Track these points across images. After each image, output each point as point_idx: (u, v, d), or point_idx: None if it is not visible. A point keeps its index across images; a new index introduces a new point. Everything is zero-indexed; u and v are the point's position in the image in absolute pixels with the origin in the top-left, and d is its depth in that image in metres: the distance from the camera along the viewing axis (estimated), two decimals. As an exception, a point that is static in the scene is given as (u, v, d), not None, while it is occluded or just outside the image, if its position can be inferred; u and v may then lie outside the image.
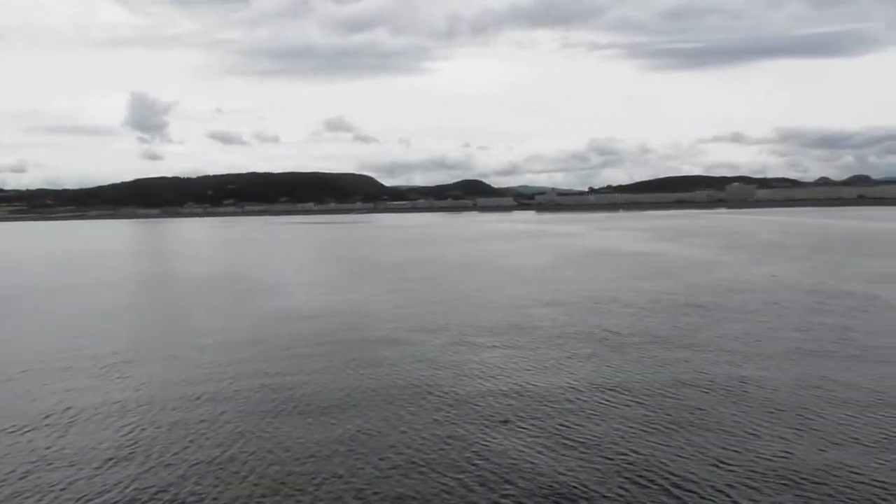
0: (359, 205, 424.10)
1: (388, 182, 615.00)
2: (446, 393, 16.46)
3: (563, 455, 12.37)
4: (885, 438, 12.85)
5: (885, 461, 11.76)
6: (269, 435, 13.79)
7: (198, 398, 16.55)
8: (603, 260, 53.31)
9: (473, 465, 12.06)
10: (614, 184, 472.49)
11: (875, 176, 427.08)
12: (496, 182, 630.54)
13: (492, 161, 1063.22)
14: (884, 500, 10.49)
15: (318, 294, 36.27)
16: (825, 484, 10.94)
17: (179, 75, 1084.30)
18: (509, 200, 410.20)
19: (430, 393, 16.51)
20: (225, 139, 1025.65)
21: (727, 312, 26.65)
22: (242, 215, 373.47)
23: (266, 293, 36.98)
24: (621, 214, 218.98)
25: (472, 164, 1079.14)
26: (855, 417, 13.95)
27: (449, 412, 14.97)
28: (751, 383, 16.70)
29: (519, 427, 13.89)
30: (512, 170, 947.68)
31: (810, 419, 13.97)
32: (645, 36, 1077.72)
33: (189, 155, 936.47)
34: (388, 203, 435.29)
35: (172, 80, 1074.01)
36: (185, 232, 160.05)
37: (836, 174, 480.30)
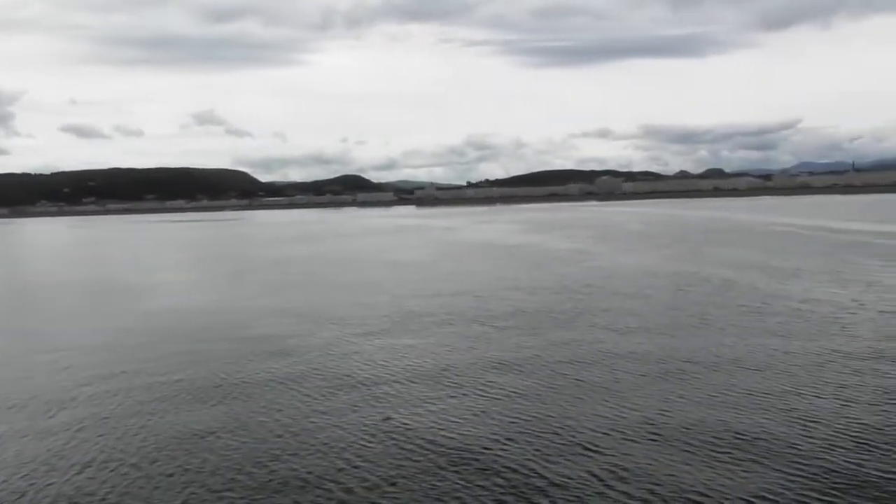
0: (233, 201, 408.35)
1: (263, 178, 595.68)
2: (327, 387, 15.91)
3: (455, 429, 12.23)
4: (743, 396, 14.22)
5: (743, 416, 12.76)
6: (143, 434, 12.71)
7: (69, 400, 15.05)
8: (482, 252, 54.23)
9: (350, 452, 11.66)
10: (491, 178, 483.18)
11: (728, 169, 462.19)
12: (375, 177, 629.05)
13: (370, 156, 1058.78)
14: (739, 448, 11.58)
15: (191, 295, 34.32)
16: (694, 436, 11.62)
17: (27, 62, 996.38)
18: (389, 195, 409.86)
19: (308, 388, 15.88)
20: (81, 132, 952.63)
21: (599, 298, 27.71)
22: (104, 214, 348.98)
23: (134, 295, 34.53)
24: (499, 208, 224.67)
25: (351, 158, 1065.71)
26: (716, 381, 14.90)
27: (329, 405, 14.45)
28: (624, 357, 17.64)
29: (401, 413, 13.63)
30: (391, 164, 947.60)
31: (678, 383, 15.04)
32: (517, 33, 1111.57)
33: (40, 149, 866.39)
34: (265, 199, 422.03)
35: (19, 68, 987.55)
36: (36, 233, 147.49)
37: (694, 167, 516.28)
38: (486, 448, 12.20)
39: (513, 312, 25.35)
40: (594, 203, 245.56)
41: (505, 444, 12.33)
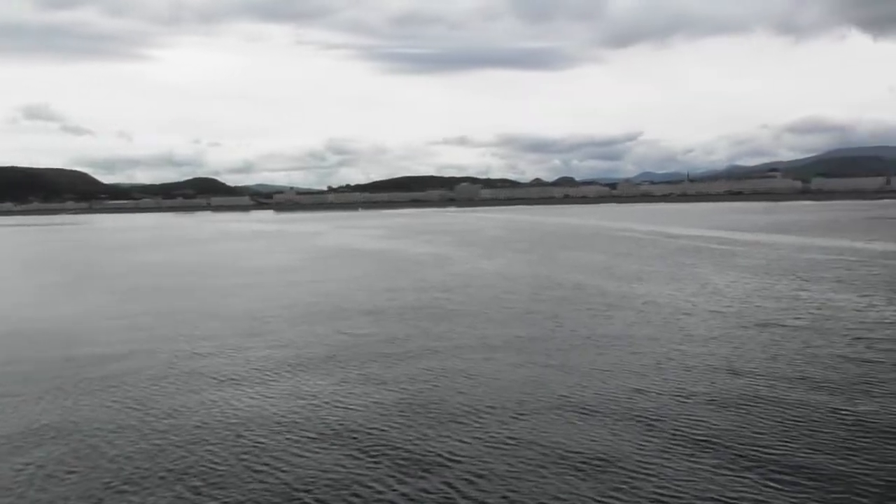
0: (70, 204, 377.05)
1: (105, 179, 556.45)
2: (168, 408, 14.91)
3: (311, 450, 11.84)
4: (592, 398, 14.53)
5: (593, 420, 13.25)
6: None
7: None
8: (344, 258, 53.57)
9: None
10: (353, 183, 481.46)
11: (578, 178, 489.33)
12: (231, 180, 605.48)
13: (225, 158, 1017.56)
14: (584, 447, 11.82)
15: (16, 308, 31.07)
16: (545, 446, 11.91)
17: None
18: (246, 200, 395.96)
19: (147, 409, 14.81)
20: None
21: (460, 303, 28.18)
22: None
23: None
24: (360, 213, 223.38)
25: (204, 161, 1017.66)
26: (569, 382, 15.53)
27: (168, 423, 13.54)
28: (480, 363, 17.78)
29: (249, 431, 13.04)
30: (247, 168, 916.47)
31: (531, 387, 15.30)
32: (376, 39, 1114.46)
33: None
34: (107, 202, 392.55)
35: None
36: None
37: (547, 175, 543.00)
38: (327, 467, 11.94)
39: (372, 321, 25.17)
40: (454, 209, 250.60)
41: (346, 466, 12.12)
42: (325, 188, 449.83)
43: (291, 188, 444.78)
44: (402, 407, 14.88)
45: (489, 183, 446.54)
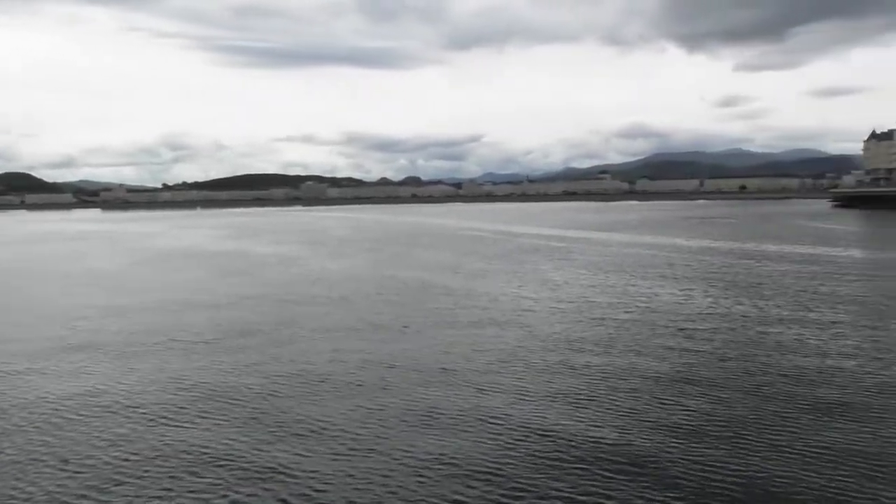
0: None
1: None
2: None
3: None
4: (436, 398, 14.47)
5: (433, 422, 13.23)
6: None
7: None
8: (183, 260, 50.31)
9: None
10: (190, 180, 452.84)
11: (424, 177, 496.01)
12: (49, 176, 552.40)
13: (42, 152, 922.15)
14: (418, 448, 11.77)
15: None
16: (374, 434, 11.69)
17: None
18: (68, 197, 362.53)
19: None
20: None
21: (305, 304, 27.30)
22: None
23: None
24: (200, 212, 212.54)
25: (16, 154, 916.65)
26: (415, 382, 15.43)
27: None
28: (325, 366, 17.19)
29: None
30: (69, 162, 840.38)
31: (371, 388, 15.00)
32: (214, 29, 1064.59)
33: None
34: None
35: None
36: None
37: (394, 175, 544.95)
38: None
39: (214, 326, 23.63)
40: (300, 208, 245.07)
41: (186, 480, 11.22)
42: (159, 186, 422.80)
43: (121, 185, 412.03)
44: (227, 425, 14.01)
45: (336, 182, 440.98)
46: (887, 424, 13.13)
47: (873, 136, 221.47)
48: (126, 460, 12.01)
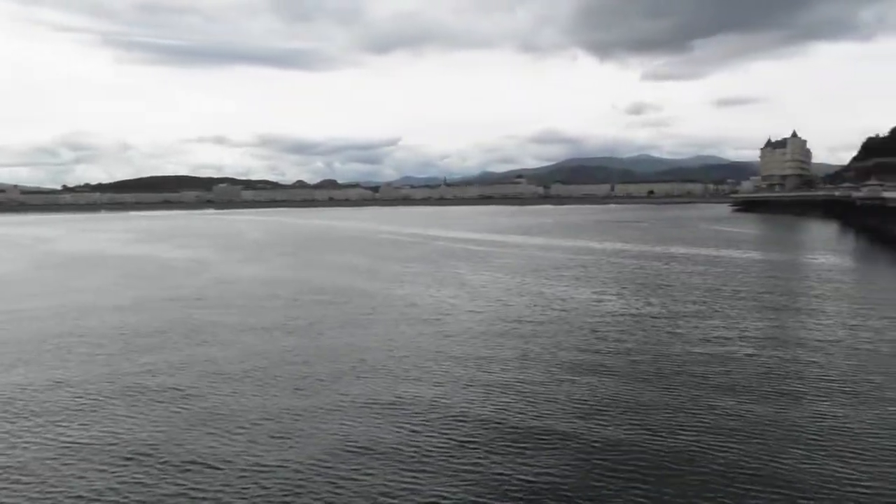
0: None
1: None
2: None
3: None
4: (358, 397, 14.34)
5: (357, 420, 13.07)
6: None
7: None
8: (84, 265, 47.69)
9: None
10: (93, 182, 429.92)
11: (341, 180, 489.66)
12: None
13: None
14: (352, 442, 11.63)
15: None
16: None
17: None
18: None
19: None
20: None
21: (213, 311, 26.35)
22: None
23: None
24: (104, 215, 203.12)
25: None
26: (335, 387, 15.16)
27: None
28: (249, 373, 16.68)
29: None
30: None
31: (284, 390, 14.70)
32: (118, 25, 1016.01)
33: None
34: None
35: None
36: None
37: (310, 178, 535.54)
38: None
39: (114, 333, 22.51)
40: (212, 211, 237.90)
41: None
42: (58, 187, 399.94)
43: (15, 186, 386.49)
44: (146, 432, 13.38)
45: (250, 184, 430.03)
46: (777, 400, 14.68)
47: (769, 144, 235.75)
48: (33, 459, 11.25)
